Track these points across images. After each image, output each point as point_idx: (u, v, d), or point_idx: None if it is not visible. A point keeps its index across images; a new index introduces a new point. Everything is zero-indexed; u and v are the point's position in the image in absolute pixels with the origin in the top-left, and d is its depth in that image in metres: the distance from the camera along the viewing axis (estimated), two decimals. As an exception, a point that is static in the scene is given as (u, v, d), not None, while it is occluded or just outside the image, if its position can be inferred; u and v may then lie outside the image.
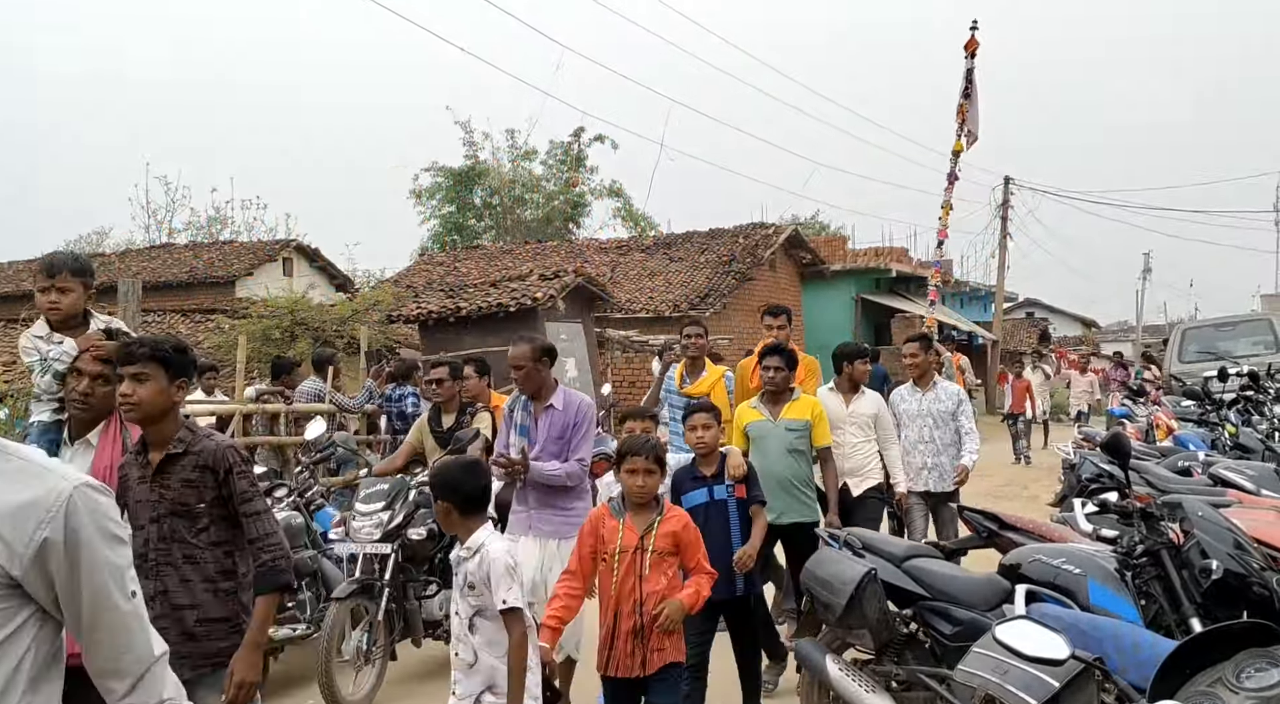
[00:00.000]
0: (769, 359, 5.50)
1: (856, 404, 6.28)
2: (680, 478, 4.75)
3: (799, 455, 5.47)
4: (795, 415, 5.47)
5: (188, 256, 25.99)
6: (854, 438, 6.18)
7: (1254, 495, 5.12)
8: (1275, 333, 15.30)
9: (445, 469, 3.52)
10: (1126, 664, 2.77)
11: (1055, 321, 45.92)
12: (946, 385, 6.75)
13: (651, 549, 3.79)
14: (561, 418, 4.89)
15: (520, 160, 35.69)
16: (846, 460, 6.08)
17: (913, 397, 6.74)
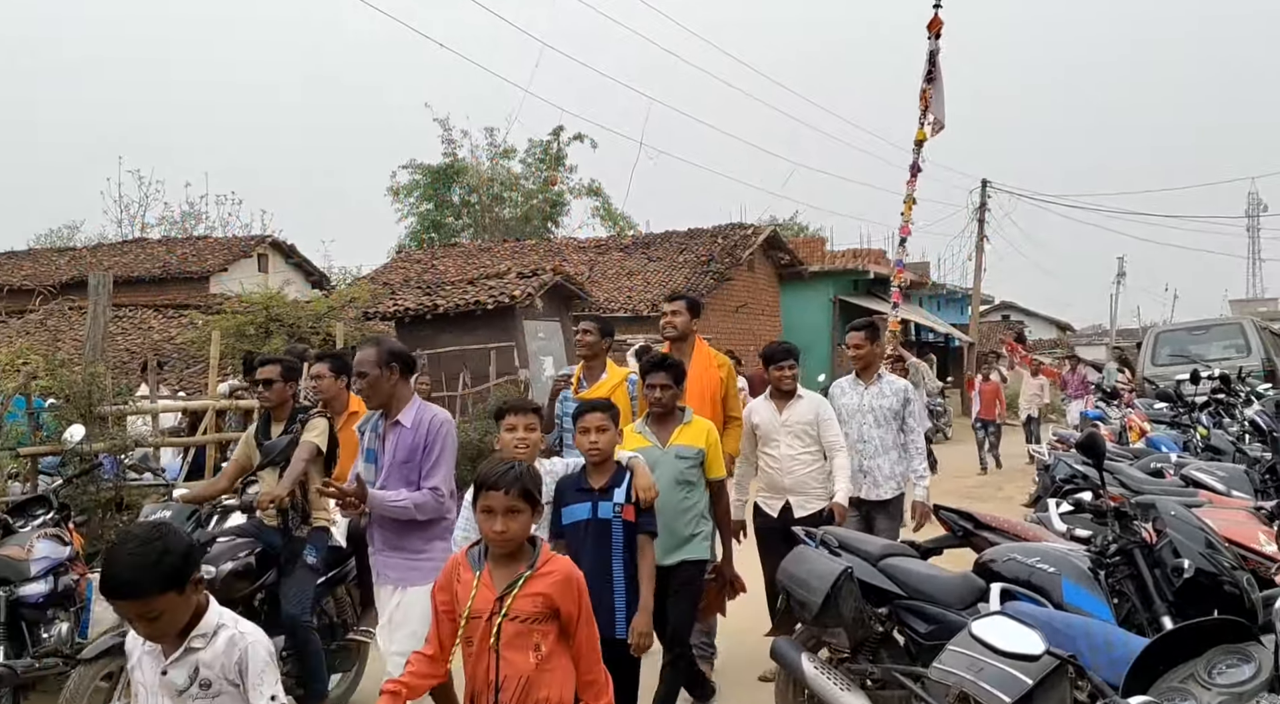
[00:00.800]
0: (654, 376, 4.71)
1: (791, 411, 5.55)
2: (564, 487, 4.08)
3: (690, 488, 4.62)
4: (686, 441, 4.65)
5: (161, 252, 25.78)
6: (791, 449, 5.50)
7: (1225, 496, 5.17)
8: (1246, 337, 15.47)
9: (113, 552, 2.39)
10: (1099, 661, 2.78)
11: (1031, 324, 46.24)
12: (893, 380, 6.07)
13: (507, 614, 2.82)
14: (410, 437, 4.13)
15: (499, 158, 35.60)
16: (785, 476, 5.49)
17: (854, 390, 5.98)
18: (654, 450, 4.59)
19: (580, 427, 4.10)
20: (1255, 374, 12.94)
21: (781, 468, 5.51)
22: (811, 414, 5.53)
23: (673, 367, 4.77)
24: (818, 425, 5.51)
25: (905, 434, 5.89)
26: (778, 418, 5.57)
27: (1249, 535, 4.02)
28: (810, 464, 5.50)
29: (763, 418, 5.60)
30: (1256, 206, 63.48)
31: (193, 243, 26.96)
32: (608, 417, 4.08)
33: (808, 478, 5.50)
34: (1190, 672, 1.98)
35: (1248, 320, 17.30)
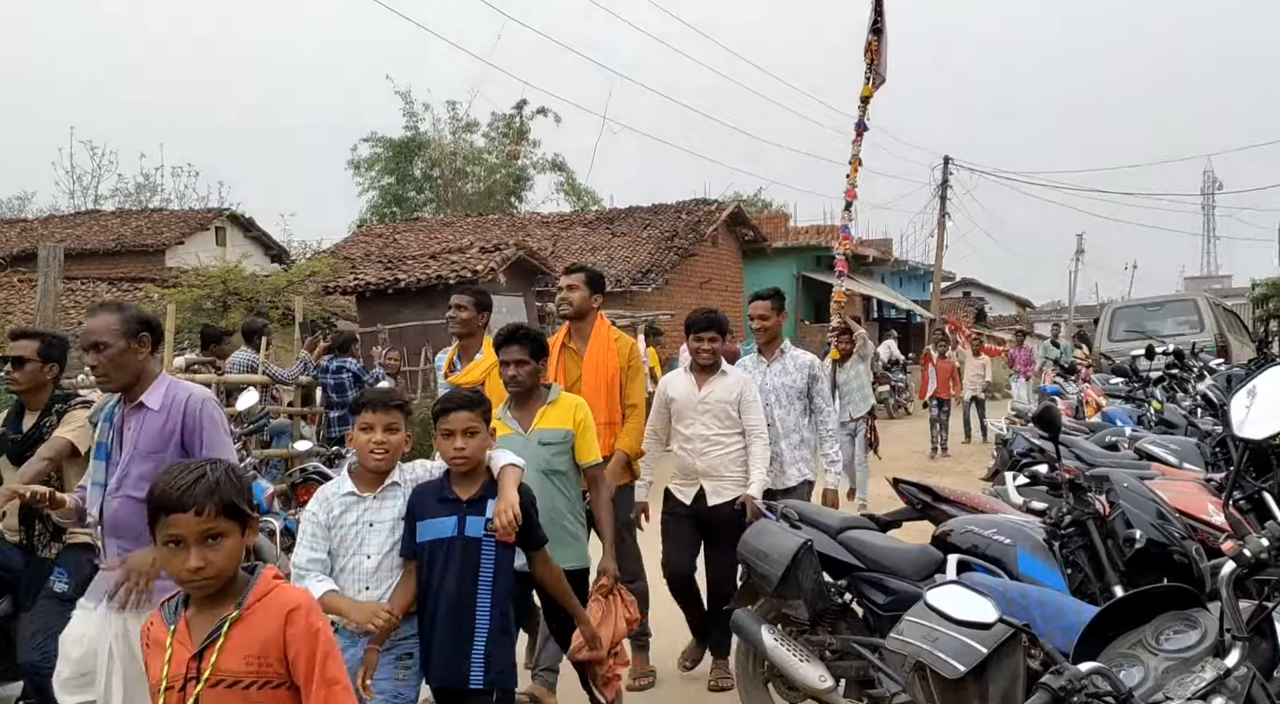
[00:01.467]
0: (507, 350, 4.03)
1: (712, 387, 5.02)
2: (421, 496, 3.30)
3: (560, 478, 4.08)
4: (552, 424, 4.07)
5: (115, 224, 25.34)
6: (707, 429, 4.98)
7: (1176, 469, 5.25)
8: (1200, 313, 15.74)
9: None
10: (1052, 629, 2.83)
11: (991, 301, 46.72)
12: (797, 355, 5.52)
13: (207, 679, 2.07)
14: (157, 422, 3.29)
15: (461, 132, 35.29)
16: (698, 459, 4.98)
17: (755, 367, 5.49)
18: (516, 439, 3.96)
19: (442, 428, 3.30)
20: (1208, 349, 13.16)
21: (695, 449, 4.99)
22: (734, 393, 4.99)
23: (528, 338, 4.08)
24: (739, 406, 4.97)
25: (814, 415, 5.44)
26: (695, 394, 5.03)
27: (1199, 507, 4.09)
28: (728, 448, 4.97)
29: (679, 393, 5.09)
30: (1211, 185, 64.48)
31: (148, 215, 26.52)
32: (477, 415, 3.31)
33: (723, 462, 4.97)
34: (1139, 638, 2.02)
35: (1201, 297, 17.60)
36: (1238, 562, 2.02)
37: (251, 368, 9.57)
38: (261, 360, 9.85)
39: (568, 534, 4.07)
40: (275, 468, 8.90)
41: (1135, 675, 1.96)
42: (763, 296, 5.53)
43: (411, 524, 3.26)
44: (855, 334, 9.86)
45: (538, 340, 4.14)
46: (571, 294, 5.06)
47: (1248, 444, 2.71)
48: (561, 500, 4.08)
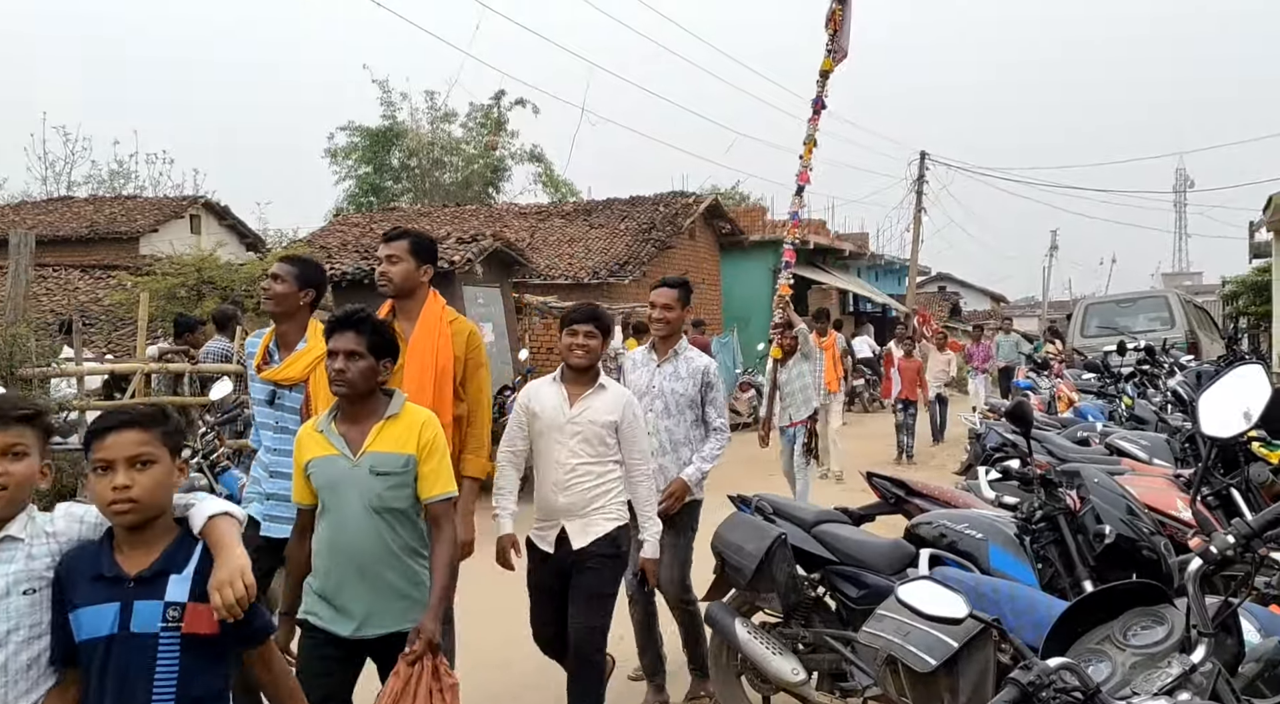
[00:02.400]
0: (338, 337, 3.12)
1: (587, 404, 4.02)
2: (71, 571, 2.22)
3: (396, 519, 3.14)
4: (390, 445, 3.11)
5: (88, 211, 25.07)
6: (576, 456, 3.99)
7: (1147, 464, 5.31)
8: (1171, 310, 15.91)
9: None
10: (1022, 624, 2.86)
11: (966, 295, 47.05)
12: (693, 356, 4.83)
13: None
14: None
15: (439, 122, 35.10)
16: (561, 493, 3.98)
17: (645, 364, 4.87)
18: (340, 463, 3.11)
19: (96, 458, 2.21)
20: (1179, 346, 13.32)
21: (557, 481, 3.98)
22: (614, 412, 4.03)
23: (368, 326, 3.16)
24: (620, 430, 4.04)
25: (705, 427, 4.78)
26: (565, 410, 4.02)
27: (1167, 502, 4.14)
28: (600, 480, 4.01)
29: (544, 405, 4.07)
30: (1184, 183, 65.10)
31: (121, 202, 26.24)
32: (154, 437, 2.22)
33: (592, 497, 4.00)
34: (1107, 633, 2.04)
35: (1173, 294, 17.80)
36: (1204, 558, 2.04)
37: (226, 357, 9.49)
38: (236, 349, 9.78)
39: (408, 585, 3.18)
40: (248, 459, 8.83)
41: (1103, 671, 1.98)
42: (670, 284, 4.91)
43: (62, 615, 2.18)
44: (795, 329, 9.33)
45: (381, 332, 3.21)
46: (392, 268, 3.97)
47: (1215, 442, 2.74)
48: (397, 549, 3.16)
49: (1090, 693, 1.81)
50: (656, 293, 4.91)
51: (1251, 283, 24.94)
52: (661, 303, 4.85)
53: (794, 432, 9.43)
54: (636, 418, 4.11)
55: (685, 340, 4.93)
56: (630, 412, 4.08)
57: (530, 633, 4.31)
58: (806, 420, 9.44)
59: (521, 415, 4.18)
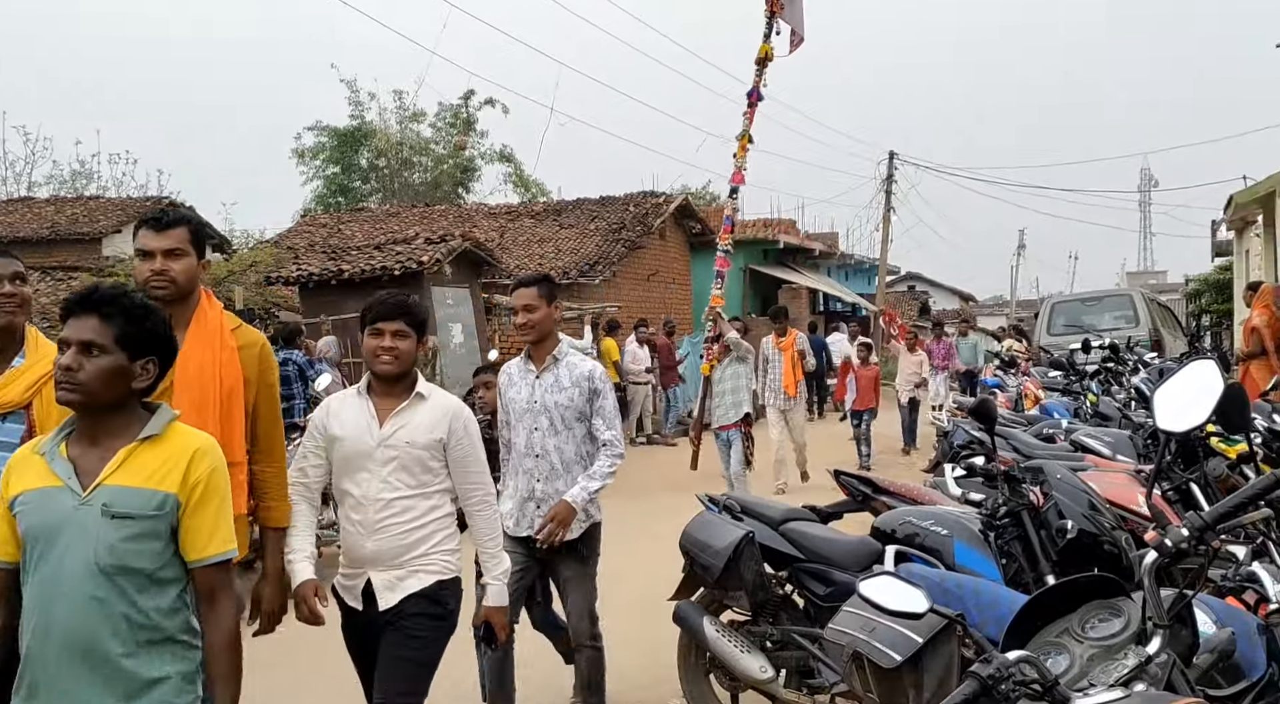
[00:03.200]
0: (75, 323, 2.31)
1: (401, 421, 3.25)
2: None
3: (137, 584, 2.23)
4: (137, 479, 2.25)
5: (49, 211, 24.69)
6: (389, 489, 3.22)
7: (1110, 460, 5.37)
8: (1135, 308, 16.11)
9: None
10: (986, 619, 2.89)
11: (935, 295, 47.41)
12: (576, 362, 4.27)
13: None
14: None
15: (408, 122, 34.91)
16: (370, 535, 3.22)
17: (523, 378, 4.27)
18: (62, 498, 2.23)
19: None
20: (1142, 343, 13.48)
21: (365, 520, 3.21)
22: (438, 428, 3.26)
23: (116, 307, 2.30)
24: (448, 450, 3.28)
25: (594, 442, 4.22)
26: (374, 429, 3.24)
27: (1129, 497, 4.19)
28: (420, 518, 3.25)
29: (347, 426, 3.27)
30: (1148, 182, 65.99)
31: (84, 203, 25.84)
32: None
33: (411, 541, 3.23)
34: (1066, 626, 2.07)
35: (1137, 292, 18.03)
36: (1159, 551, 2.07)
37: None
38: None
39: (157, 673, 2.23)
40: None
41: (1061, 663, 2.00)
42: (527, 282, 4.26)
43: None
44: (725, 338, 9.10)
45: (139, 317, 2.32)
46: (174, 264, 3.00)
47: (1172, 436, 2.78)
48: (127, 633, 2.20)
49: (1049, 685, 1.83)
50: (515, 294, 4.28)
51: (1213, 281, 25.33)
52: (522, 304, 4.21)
53: (728, 435, 9.08)
54: (469, 433, 3.31)
55: (564, 344, 4.34)
56: (460, 425, 3.29)
57: None
58: (739, 424, 9.02)
59: (317, 437, 3.33)
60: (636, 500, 10.65)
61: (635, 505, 10.35)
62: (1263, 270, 14.11)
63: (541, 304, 4.19)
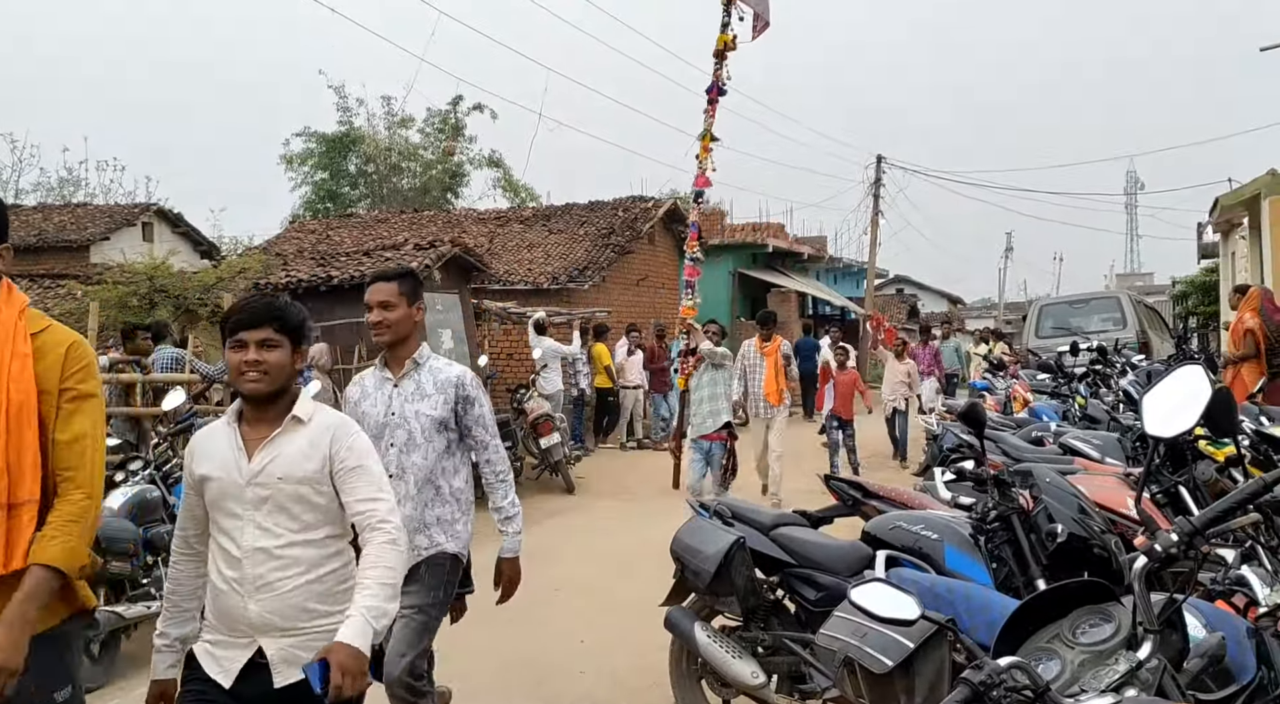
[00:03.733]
0: None
1: (276, 451, 2.68)
2: None
3: None
4: None
5: (36, 219, 24.58)
6: (269, 536, 2.65)
7: (1099, 463, 5.39)
8: (1123, 310, 16.17)
9: None
10: (977, 624, 2.89)
11: (924, 297, 47.51)
12: (440, 367, 3.81)
13: None
14: None
15: (397, 128, 34.88)
16: (253, 595, 2.63)
17: (379, 388, 3.77)
18: None
19: None
20: (1130, 346, 13.54)
21: (243, 577, 2.63)
22: (314, 457, 2.68)
23: None
24: (336, 480, 2.69)
25: (475, 453, 3.81)
26: (242, 463, 2.68)
27: (1118, 500, 4.20)
28: (312, 570, 2.67)
29: (215, 465, 2.70)
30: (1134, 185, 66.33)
31: (71, 210, 25.74)
32: None
33: (301, 600, 2.65)
34: (1056, 632, 2.07)
35: (1124, 294, 18.10)
36: (1149, 557, 2.08)
37: (178, 363, 9.37)
38: (189, 356, 9.66)
39: None
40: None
41: (1053, 669, 2.00)
42: (387, 277, 3.80)
43: None
44: (700, 351, 8.65)
45: None
46: None
47: (1161, 440, 2.78)
48: None
49: (1040, 691, 1.83)
50: (371, 289, 3.78)
51: (1200, 283, 25.44)
52: (378, 300, 3.73)
53: (708, 446, 8.63)
54: (355, 449, 2.70)
55: (426, 347, 3.86)
56: (346, 447, 2.69)
57: None
58: (718, 434, 8.61)
59: (189, 480, 2.80)
60: (626, 505, 10.65)
61: (625, 510, 10.36)
62: (1249, 272, 14.17)
63: (401, 302, 3.75)
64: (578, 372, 15.22)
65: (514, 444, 11.66)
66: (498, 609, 4.01)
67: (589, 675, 5.33)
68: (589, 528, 9.63)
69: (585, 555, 8.34)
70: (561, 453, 11.98)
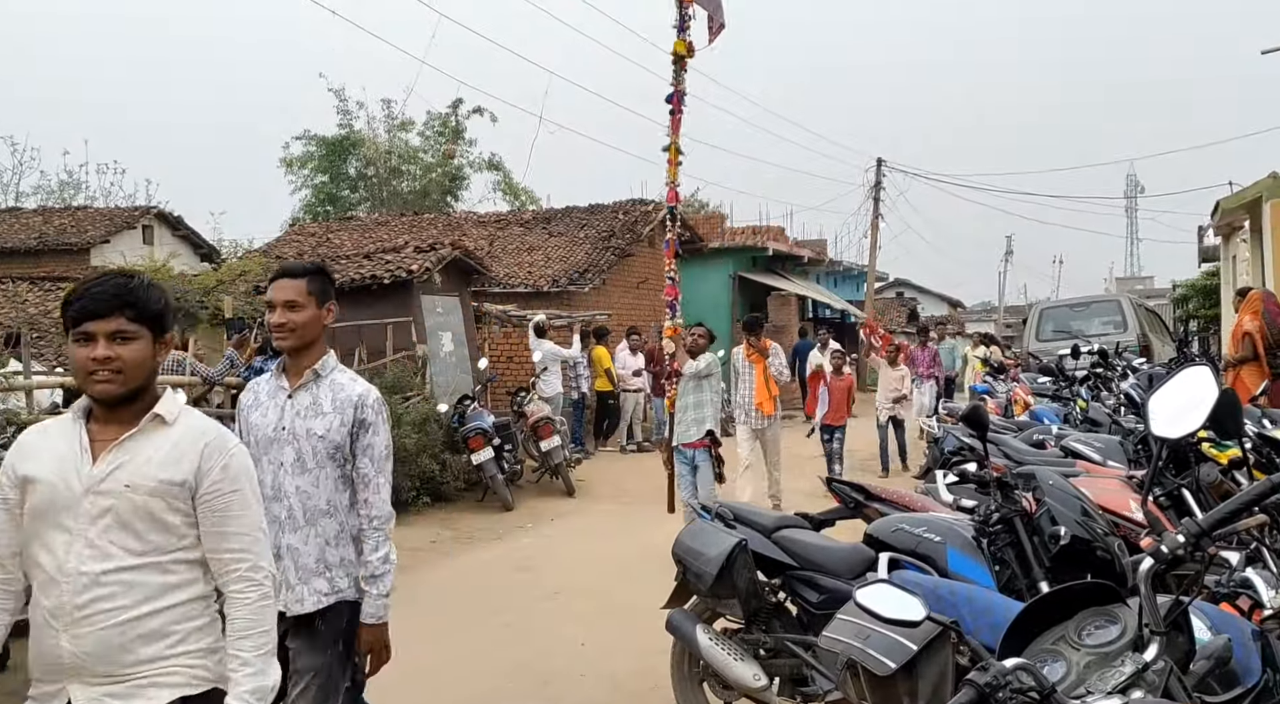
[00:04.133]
0: None
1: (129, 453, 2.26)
2: None
3: None
4: None
5: (37, 222, 24.60)
6: (102, 558, 2.21)
7: (1101, 466, 5.38)
8: (1124, 313, 16.19)
9: None
10: (980, 626, 2.88)
11: (924, 301, 47.50)
12: (344, 383, 3.25)
13: None
14: None
15: (396, 131, 34.90)
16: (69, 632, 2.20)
17: (272, 398, 3.27)
18: None
19: None
20: (1131, 349, 13.54)
21: (60, 606, 2.19)
22: (181, 465, 2.28)
23: None
24: (198, 498, 2.28)
25: (356, 487, 3.19)
26: (83, 467, 2.25)
27: (1121, 503, 4.20)
28: (149, 601, 2.23)
29: (47, 467, 2.26)
30: (1135, 188, 66.37)
31: (71, 213, 25.75)
32: None
33: (131, 636, 2.21)
34: (1062, 634, 2.06)
35: (1125, 298, 18.12)
36: (1155, 558, 2.07)
37: (179, 366, 9.36)
38: (190, 359, 9.65)
39: None
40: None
41: (1058, 670, 1.99)
42: (291, 273, 3.29)
43: None
44: (685, 372, 8.24)
45: None
46: None
47: (1166, 442, 2.78)
48: None
49: (1046, 693, 1.83)
50: (274, 286, 3.29)
51: (1201, 286, 25.44)
52: (283, 300, 3.22)
53: (692, 454, 8.21)
54: (231, 475, 2.31)
55: (332, 357, 3.32)
56: (221, 465, 2.30)
57: None
58: (703, 442, 8.22)
59: (5, 485, 2.30)
60: (626, 508, 10.64)
61: (625, 513, 10.35)
62: (1250, 276, 14.17)
63: (309, 303, 3.24)
64: (578, 375, 15.21)
65: (514, 447, 11.64)
66: (497, 613, 4.01)
67: (589, 679, 5.32)
68: (589, 531, 9.62)
69: (585, 558, 8.33)
70: (562, 456, 11.97)
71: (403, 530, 9.79)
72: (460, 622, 6.11)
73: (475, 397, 12.30)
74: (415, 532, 9.57)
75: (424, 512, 10.27)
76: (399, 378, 11.72)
